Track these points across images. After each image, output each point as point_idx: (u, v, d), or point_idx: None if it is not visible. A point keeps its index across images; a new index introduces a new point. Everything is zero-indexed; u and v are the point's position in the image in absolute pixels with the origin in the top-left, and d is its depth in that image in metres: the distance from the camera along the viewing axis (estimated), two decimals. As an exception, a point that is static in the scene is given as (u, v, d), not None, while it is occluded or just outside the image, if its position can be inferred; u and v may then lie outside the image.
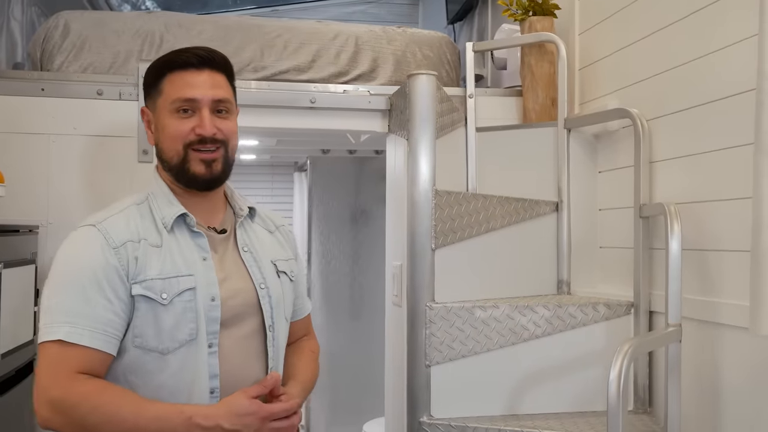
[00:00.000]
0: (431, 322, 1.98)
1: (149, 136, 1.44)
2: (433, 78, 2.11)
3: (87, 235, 1.33)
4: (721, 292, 1.73)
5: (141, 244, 1.33)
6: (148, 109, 1.44)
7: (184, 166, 1.38)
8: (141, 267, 1.31)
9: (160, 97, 1.40)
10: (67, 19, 2.49)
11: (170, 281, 1.31)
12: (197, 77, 1.38)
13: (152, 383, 1.31)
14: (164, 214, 1.37)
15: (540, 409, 2.03)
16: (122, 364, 1.31)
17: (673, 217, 1.75)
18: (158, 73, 1.41)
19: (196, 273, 1.34)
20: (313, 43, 2.66)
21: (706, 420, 1.76)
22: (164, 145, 1.39)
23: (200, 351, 1.32)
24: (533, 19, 2.54)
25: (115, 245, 1.30)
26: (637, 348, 1.50)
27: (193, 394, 1.32)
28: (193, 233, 1.38)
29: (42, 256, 2.28)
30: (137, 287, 1.30)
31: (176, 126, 1.37)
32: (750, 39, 1.62)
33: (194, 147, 1.37)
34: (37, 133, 2.32)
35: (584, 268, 2.32)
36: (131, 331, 1.30)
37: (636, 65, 2.13)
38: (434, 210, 2.03)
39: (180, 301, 1.31)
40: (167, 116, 1.38)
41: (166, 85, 1.39)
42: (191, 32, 2.56)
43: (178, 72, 1.38)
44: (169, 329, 1.30)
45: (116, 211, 1.38)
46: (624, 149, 2.19)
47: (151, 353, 1.30)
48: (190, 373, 1.32)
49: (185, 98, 1.37)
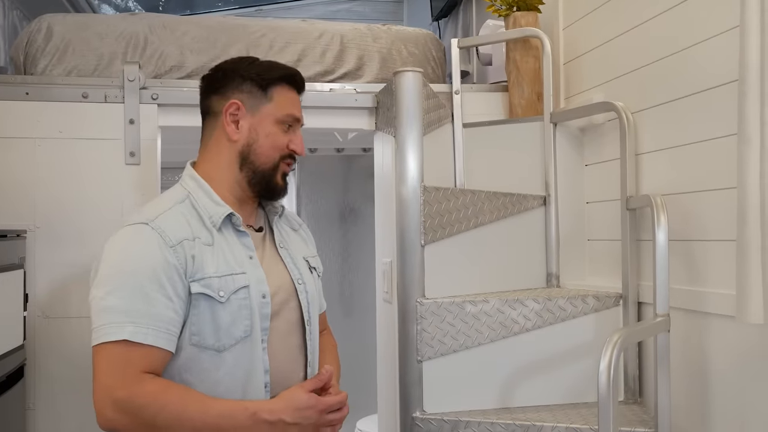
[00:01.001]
0: (422, 318, 1.99)
1: (232, 132, 1.44)
2: (419, 75, 2.12)
3: (141, 233, 1.33)
4: (707, 282, 1.75)
5: (196, 242, 1.35)
6: (243, 106, 1.44)
7: (271, 174, 1.45)
8: (198, 265, 1.33)
9: (268, 104, 1.45)
10: (50, 22, 2.47)
11: (226, 279, 1.34)
12: (298, 99, 1.50)
13: (208, 380, 1.33)
14: (212, 213, 1.39)
15: (532, 401, 2.04)
16: (178, 362, 1.33)
17: (659, 209, 1.76)
18: (270, 81, 1.45)
19: (248, 271, 1.38)
20: (298, 42, 2.66)
21: (696, 408, 1.78)
22: (261, 150, 1.44)
23: (255, 347, 1.36)
24: (517, 14, 2.55)
25: (172, 243, 1.32)
26: (626, 338, 1.52)
27: (248, 390, 1.35)
28: (238, 232, 1.42)
29: (30, 261, 2.27)
30: (196, 285, 1.31)
31: (282, 138, 1.45)
32: (732, 30, 1.64)
33: (285, 160, 1.46)
34: (22, 138, 2.31)
35: (573, 261, 2.33)
36: (188, 329, 1.32)
37: (620, 58, 2.15)
38: (423, 206, 2.04)
39: (236, 298, 1.34)
40: (273, 125, 1.44)
41: (279, 95, 1.46)
42: (175, 33, 2.56)
43: (291, 88, 1.48)
44: (227, 327, 1.33)
45: (164, 209, 1.38)
46: (610, 142, 2.20)
47: (208, 351, 1.33)
48: (244, 369, 1.35)
49: (296, 117, 1.47)
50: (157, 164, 2.41)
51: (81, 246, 2.32)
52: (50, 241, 2.30)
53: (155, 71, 2.50)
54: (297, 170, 4.26)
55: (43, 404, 2.28)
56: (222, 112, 1.44)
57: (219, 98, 1.46)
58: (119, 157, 2.36)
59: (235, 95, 1.44)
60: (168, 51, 2.52)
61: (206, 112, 1.49)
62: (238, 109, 1.44)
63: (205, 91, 1.50)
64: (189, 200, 1.41)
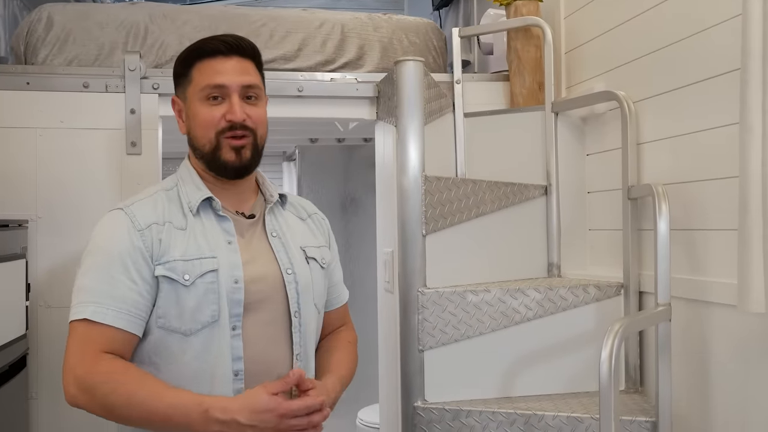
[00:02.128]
0: (423, 308, 1.99)
1: (180, 126, 1.46)
2: (420, 64, 2.11)
3: (115, 218, 1.37)
4: (709, 271, 1.75)
5: (165, 226, 1.35)
6: (178, 98, 1.46)
7: (216, 154, 1.39)
8: (165, 248, 1.33)
9: (190, 86, 1.41)
10: (51, 11, 2.47)
11: (193, 263, 1.33)
12: (226, 64, 1.39)
13: (176, 364, 1.32)
14: (190, 198, 1.40)
15: (533, 391, 2.05)
16: (147, 345, 1.34)
17: (660, 198, 1.76)
18: (187, 62, 1.42)
19: (220, 255, 1.35)
20: (299, 32, 2.65)
21: (697, 397, 1.79)
22: (196, 133, 1.41)
23: (223, 333, 1.33)
24: (519, 3, 2.54)
25: (141, 228, 1.34)
26: (627, 328, 1.52)
27: (216, 377, 1.33)
28: (219, 217, 1.40)
29: (32, 251, 2.27)
30: (160, 268, 1.32)
31: (207, 113, 1.38)
32: (734, 19, 1.63)
33: (225, 135, 1.38)
34: (23, 128, 2.31)
35: (574, 251, 2.33)
36: (155, 311, 1.33)
37: (622, 47, 2.14)
38: (424, 196, 2.04)
39: (202, 282, 1.33)
40: (198, 104, 1.39)
41: (196, 73, 1.40)
42: (176, 22, 2.55)
43: (207, 60, 1.40)
44: (191, 310, 1.32)
45: (145, 195, 1.41)
46: (611, 131, 2.20)
47: (174, 334, 1.32)
48: (212, 355, 1.33)
49: (214, 84, 1.38)
50: (158, 154, 2.41)
51: (83, 235, 2.29)
52: (52, 231, 2.30)
53: (156, 61, 2.49)
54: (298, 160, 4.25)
55: (45, 394, 2.28)
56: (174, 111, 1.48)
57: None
58: (120, 147, 2.36)
59: (176, 92, 1.47)
60: (169, 40, 2.52)
61: None
62: (175, 103, 1.47)
63: None
64: (176, 188, 1.43)
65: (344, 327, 1.67)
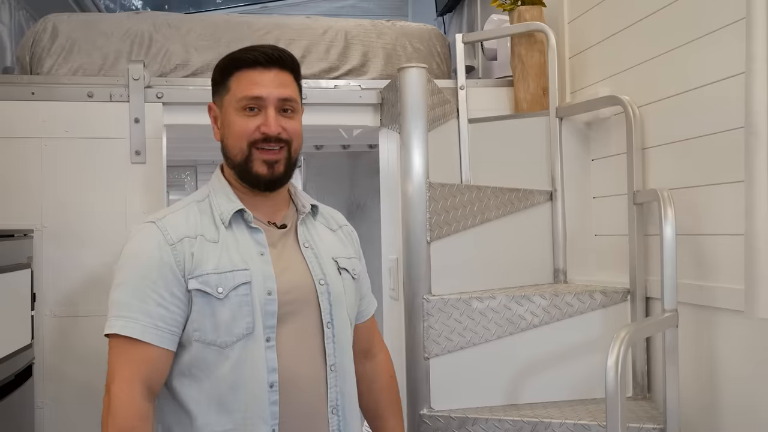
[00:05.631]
0: (429, 315, 1.98)
1: (215, 132, 1.45)
2: (423, 71, 2.11)
3: (147, 231, 1.36)
4: (716, 277, 1.74)
5: (198, 239, 1.35)
6: (215, 105, 1.45)
7: (247, 165, 1.39)
8: (197, 262, 1.33)
9: (227, 95, 1.41)
10: (55, 22, 2.48)
11: (225, 276, 1.33)
12: (264, 76, 1.39)
13: (214, 376, 1.32)
14: (222, 210, 1.39)
15: (539, 398, 2.03)
16: (187, 358, 1.34)
17: (666, 203, 1.75)
18: (226, 71, 1.42)
19: (252, 267, 1.35)
20: (302, 39, 2.66)
21: (705, 404, 1.77)
22: (229, 142, 1.40)
23: (258, 345, 1.33)
24: (522, 8, 2.54)
25: (172, 242, 1.33)
26: (634, 334, 1.51)
27: (252, 389, 1.32)
28: (250, 229, 1.39)
29: (37, 260, 2.28)
30: (193, 282, 1.32)
31: (242, 124, 1.38)
32: (738, 22, 1.62)
33: (258, 146, 1.38)
34: (28, 137, 2.32)
35: (580, 257, 2.32)
36: (190, 324, 1.33)
37: (626, 52, 2.13)
38: (428, 203, 2.03)
39: (236, 295, 1.32)
40: (233, 114, 1.39)
41: (234, 82, 1.40)
42: (180, 31, 2.56)
43: (246, 70, 1.39)
44: (226, 323, 1.32)
45: (178, 208, 1.41)
46: (616, 136, 2.19)
47: (211, 347, 1.32)
48: (248, 367, 1.32)
49: (252, 96, 1.37)
50: (162, 163, 2.42)
51: (88, 245, 2.33)
52: (57, 240, 2.31)
53: (160, 69, 2.50)
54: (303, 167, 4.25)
55: (52, 403, 2.28)
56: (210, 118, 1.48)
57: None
58: (125, 156, 2.36)
59: (213, 99, 1.47)
60: (173, 49, 2.53)
61: None
62: (212, 110, 1.46)
63: None
64: (208, 199, 1.43)
65: (378, 348, 1.66)
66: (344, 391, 1.43)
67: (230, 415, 1.32)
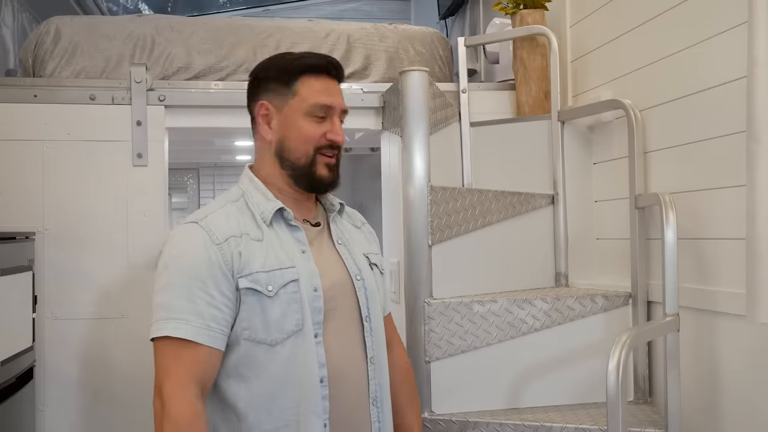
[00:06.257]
0: (430, 318, 1.98)
1: (265, 131, 1.45)
2: (425, 74, 2.11)
3: (190, 232, 1.36)
4: (717, 281, 1.74)
5: (243, 238, 1.36)
6: (270, 104, 1.45)
7: (311, 169, 1.42)
8: (245, 261, 1.34)
9: (293, 98, 1.42)
10: (58, 24, 2.48)
11: (274, 273, 1.34)
12: (332, 86, 1.45)
13: (263, 375, 1.33)
14: (262, 209, 1.40)
15: (541, 402, 2.03)
16: (234, 357, 1.34)
17: (668, 207, 1.75)
18: (291, 73, 1.43)
19: (298, 265, 1.37)
20: (305, 42, 2.66)
21: (707, 408, 1.77)
22: (292, 145, 1.42)
23: (308, 341, 1.35)
24: (524, 12, 2.54)
25: (218, 241, 1.34)
26: (635, 338, 1.50)
27: (304, 385, 1.34)
28: (291, 227, 1.42)
29: (39, 263, 2.28)
30: (244, 281, 1.33)
31: (311, 129, 1.41)
32: (740, 26, 1.62)
33: (322, 151, 1.42)
34: (30, 140, 2.32)
35: (582, 260, 2.32)
36: (239, 324, 1.33)
37: (628, 56, 2.13)
38: (430, 206, 2.03)
39: (285, 292, 1.34)
40: (301, 118, 1.42)
41: (302, 87, 1.42)
42: (182, 34, 2.56)
43: (315, 77, 1.43)
44: (277, 321, 1.33)
45: (215, 208, 1.41)
46: (618, 140, 2.19)
47: (261, 345, 1.33)
48: (299, 363, 1.34)
49: (325, 105, 1.42)
50: (164, 165, 2.42)
51: (89, 247, 2.33)
52: (59, 243, 2.31)
53: (163, 72, 2.50)
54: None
55: (53, 405, 2.28)
56: (256, 115, 1.47)
57: (253, 102, 1.48)
58: (127, 159, 2.36)
59: (263, 96, 1.46)
60: (175, 52, 2.53)
61: (251, 117, 1.52)
62: (267, 109, 1.45)
63: (247, 97, 1.52)
64: (243, 199, 1.44)
65: (397, 341, 1.69)
66: (381, 383, 1.47)
67: (281, 413, 1.33)
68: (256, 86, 1.47)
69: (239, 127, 2.63)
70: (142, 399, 2.32)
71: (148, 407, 2.41)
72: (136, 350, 2.30)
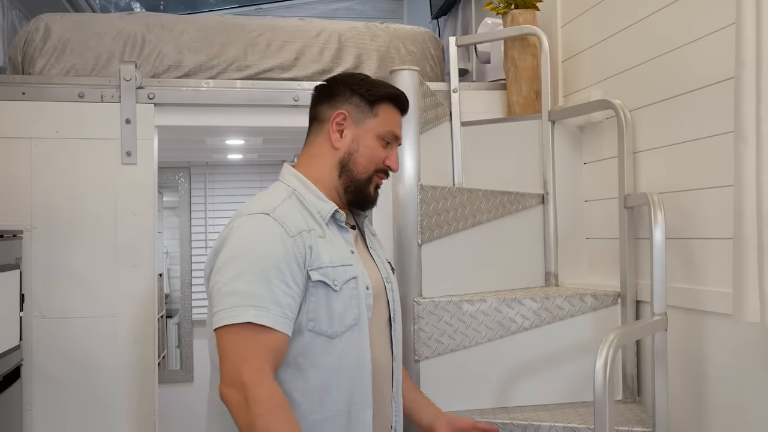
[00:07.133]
0: (419, 317, 1.98)
1: (334, 140, 1.50)
2: (415, 73, 2.11)
3: (265, 223, 1.38)
4: (705, 280, 1.74)
5: (311, 234, 1.41)
6: (349, 117, 1.50)
7: (366, 185, 1.52)
8: (316, 255, 1.39)
9: (372, 119, 1.51)
10: (48, 21, 2.47)
11: (338, 269, 1.41)
12: (401, 120, 1.57)
13: (320, 365, 1.38)
14: (320, 209, 1.46)
15: (530, 400, 2.03)
16: (295, 347, 1.37)
17: (656, 207, 1.75)
18: (378, 97, 1.51)
19: (353, 263, 1.45)
20: (296, 41, 2.65)
21: (694, 406, 1.77)
22: (359, 160, 1.50)
23: (362, 335, 1.42)
24: (516, 12, 2.54)
25: (293, 234, 1.37)
26: (622, 337, 1.51)
27: (357, 376, 1.41)
28: (340, 228, 1.49)
29: (27, 261, 2.27)
30: (315, 273, 1.37)
31: (379, 152, 1.51)
32: (728, 28, 1.63)
33: (379, 173, 1.53)
34: (18, 138, 2.31)
35: (571, 260, 2.32)
36: (304, 315, 1.37)
37: (618, 56, 2.14)
38: (420, 205, 2.03)
39: (347, 288, 1.41)
40: (373, 139, 1.51)
41: (384, 112, 1.52)
42: (173, 32, 2.55)
43: (395, 108, 1.54)
44: (339, 314, 1.39)
45: (278, 201, 1.43)
46: (608, 140, 2.19)
47: (321, 337, 1.38)
48: (353, 355, 1.41)
49: (396, 135, 1.54)
50: (153, 164, 2.41)
51: (77, 246, 2.32)
52: (47, 241, 2.30)
53: (153, 70, 2.49)
54: (297, 169, 4.24)
55: (40, 404, 2.27)
56: (329, 120, 1.50)
57: (329, 107, 1.52)
58: (116, 157, 2.36)
59: (344, 106, 1.51)
60: (166, 50, 2.52)
61: (314, 118, 1.55)
62: (345, 119, 1.50)
63: (317, 99, 1.56)
64: (294, 196, 1.46)
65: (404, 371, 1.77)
66: (398, 380, 1.56)
67: (333, 403, 1.38)
68: (337, 94, 1.52)
69: (230, 126, 2.63)
70: (130, 398, 2.31)
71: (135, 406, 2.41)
72: (123, 349, 2.29)
